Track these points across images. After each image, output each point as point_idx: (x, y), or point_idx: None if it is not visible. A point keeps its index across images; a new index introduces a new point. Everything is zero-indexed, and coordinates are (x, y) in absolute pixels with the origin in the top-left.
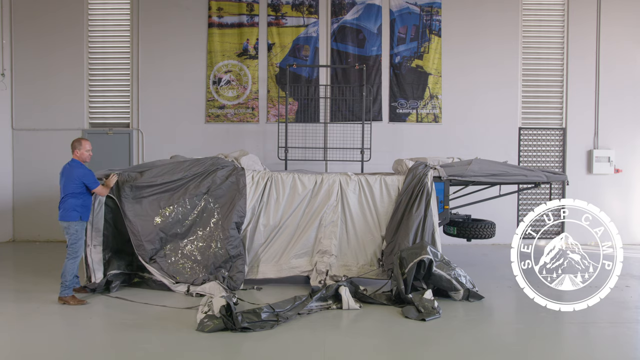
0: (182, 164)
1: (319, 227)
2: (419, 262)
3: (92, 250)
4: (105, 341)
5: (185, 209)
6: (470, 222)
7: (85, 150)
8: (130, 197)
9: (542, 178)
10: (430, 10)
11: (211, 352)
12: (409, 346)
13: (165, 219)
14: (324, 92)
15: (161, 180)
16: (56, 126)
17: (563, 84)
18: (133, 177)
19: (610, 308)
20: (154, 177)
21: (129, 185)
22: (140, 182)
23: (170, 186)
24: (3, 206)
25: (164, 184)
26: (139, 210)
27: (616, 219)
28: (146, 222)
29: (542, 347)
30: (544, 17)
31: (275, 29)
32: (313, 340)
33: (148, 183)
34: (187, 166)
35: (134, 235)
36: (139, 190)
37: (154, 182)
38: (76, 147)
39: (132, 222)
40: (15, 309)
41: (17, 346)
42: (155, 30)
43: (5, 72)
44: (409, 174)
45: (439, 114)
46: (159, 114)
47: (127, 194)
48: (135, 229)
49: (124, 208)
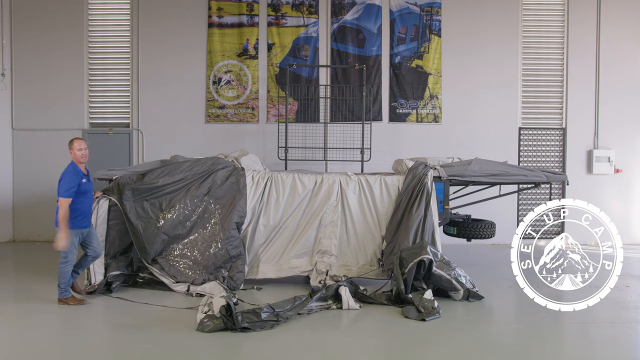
0: (182, 164)
1: (319, 227)
2: (419, 262)
3: None
4: (106, 341)
5: (187, 210)
6: (470, 222)
7: (76, 150)
8: (131, 199)
9: (542, 178)
10: (430, 10)
11: (211, 352)
12: (409, 346)
13: (167, 221)
14: (324, 92)
15: (162, 182)
16: (56, 126)
17: (563, 84)
18: (134, 179)
19: (610, 308)
20: (155, 179)
21: (130, 187)
22: (141, 184)
23: (172, 188)
24: (3, 206)
25: (165, 186)
26: (141, 212)
27: (616, 219)
28: (148, 224)
29: (542, 347)
30: (544, 17)
31: (275, 29)
32: (313, 340)
33: (149, 185)
34: (188, 167)
35: (137, 238)
36: (141, 192)
37: (155, 184)
38: (69, 147)
39: (134, 224)
40: (15, 308)
41: (17, 346)
42: (155, 30)
43: (5, 72)
44: (409, 174)
45: (439, 114)
46: (159, 114)
47: (128, 196)
48: (138, 231)
49: (125, 210)
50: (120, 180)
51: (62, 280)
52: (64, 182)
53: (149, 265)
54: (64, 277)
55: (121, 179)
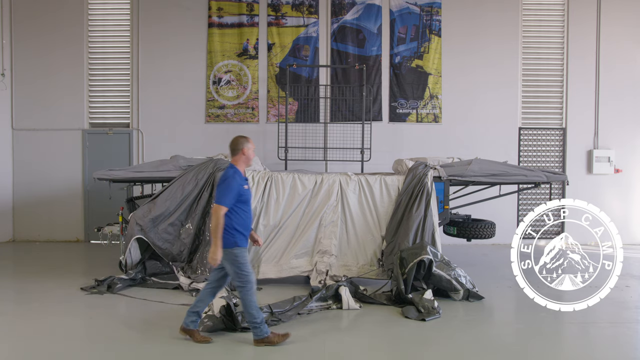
0: (187, 174)
1: (319, 227)
2: (419, 262)
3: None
4: (106, 341)
5: (200, 220)
6: (470, 222)
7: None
8: (152, 228)
9: (542, 178)
10: (430, 10)
11: (212, 352)
12: (409, 346)
13: (187, 237)
14: (324, 92)
15: (174, 205)
16: (56, 126)
17: (563, 84)
18: (148, 209)
19: (610, 308)
20: (166, 202)
21: (148, 219)
22: (155, 212)
23: (185, 204)
24: (3, 206)
25: (178, 206)
26: (166, 235)
27: (616, 219)
28: (174, 244)
29: (542, 347)
30: (544, 17)
31: (275, 29)
32: (313, 340)
33: (163, 211)
34: (193, 176)
35: (165, 255)
36: (158, 219)
37: (169, 209)
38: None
39: (164, 247)
40: (15, 308)
41: (17, 346)
42: (155, 30)
43: (5, 72)
44: (409, 174)
45: (439, 114)
46: (159, 114)
47: (149, 226)
48: (168, 252)
49: (153, 240)
50: (136, 216)
51: (254, 314)
52: (224, 186)
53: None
54: (253, 306)
55: (136, 215)
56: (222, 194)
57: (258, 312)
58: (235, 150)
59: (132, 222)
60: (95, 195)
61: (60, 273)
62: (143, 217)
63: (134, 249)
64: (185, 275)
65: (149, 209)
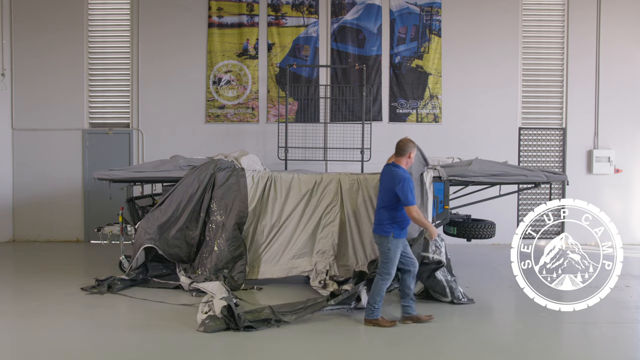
0: (189, 177)
1: (319, 227)
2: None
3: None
4: (106, 341)
5: (202, 223)
6: (470, 222)
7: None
8: (161, 236)
9: (542, 178)
10: (430, 10)
11: (213, 352)
12: (409, 346)
13: (194, 239)
14: (324, 92)
15: (180, 209)
16: (56, 126)
17: (563, 84)
18: (154, 216)
19: (610, 308)
20: (170, 206)
21: (156, 226)
22: (163, 219)
23: (190, 207)
24: (3, 206)
25: (184, 209)
26: (174, 242)
27: (616, 219)
28: (182, 248)
29: (542, 347)
30: (544, 17)
31: (275, 29)
32: (315, 340)
33: (169, 217)
34: (195, 177)
35: (174, 259)
36: (166, 225)
37: (175, 214)
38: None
39: (173, 253)
40: (16, 308)
41: (17, 346)
42: (155, 30)
43: (5, 71)
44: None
45: (439, 114)
46: (159, 114)
47: (158, 234)
48: (177, 256)
49: (163, 249)
50: (143, 225)
51: (377, 299)
52: (407, 188)
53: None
54: (380, 294)
55: (143, 224)
56: (409, 194)
57: (381, 299)
58: (403, 151)
59: (140, 230)
60: (95, 196)
61: (60, 273)
62: (151, 225)
63: (140, 255)
64: (186, 275)
65: (155, 216)
